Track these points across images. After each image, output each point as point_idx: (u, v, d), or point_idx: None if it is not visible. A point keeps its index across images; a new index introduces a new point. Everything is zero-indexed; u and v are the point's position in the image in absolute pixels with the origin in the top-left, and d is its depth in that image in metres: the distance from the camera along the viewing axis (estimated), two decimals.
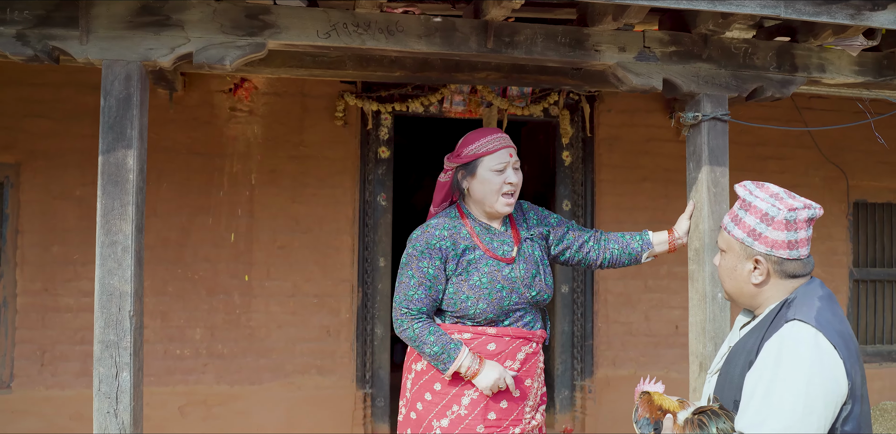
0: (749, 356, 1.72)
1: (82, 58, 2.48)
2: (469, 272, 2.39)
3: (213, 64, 2.54)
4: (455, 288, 2.39)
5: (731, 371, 1.78)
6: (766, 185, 1.84)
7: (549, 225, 2.62)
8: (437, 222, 2.46)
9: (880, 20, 2.70)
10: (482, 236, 2.46)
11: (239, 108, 4.32)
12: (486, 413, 2.39)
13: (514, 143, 2.50)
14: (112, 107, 2.47)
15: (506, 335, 2.42)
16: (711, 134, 2.91)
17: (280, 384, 4.28)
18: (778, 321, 1.72)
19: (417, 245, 2.41)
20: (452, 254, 2.39)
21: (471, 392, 2.39)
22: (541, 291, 2.48)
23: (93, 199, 4.10)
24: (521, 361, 2.44)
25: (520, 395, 2.43)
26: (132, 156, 2.46)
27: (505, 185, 2.42)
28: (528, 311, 2.47)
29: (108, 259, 2.45)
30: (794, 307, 1.73)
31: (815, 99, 4.89)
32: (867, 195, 5.19)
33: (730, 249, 1.84)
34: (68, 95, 4.18)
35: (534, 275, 2.47)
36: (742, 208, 1.81)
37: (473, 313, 2.38)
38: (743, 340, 1.81)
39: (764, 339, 1.71)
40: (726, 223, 1.86)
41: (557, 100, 4.63)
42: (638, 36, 2.87)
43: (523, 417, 2.44)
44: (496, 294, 2.38)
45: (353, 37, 2.62)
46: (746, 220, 1.79)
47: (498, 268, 2.41)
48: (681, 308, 4.74)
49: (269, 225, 4.31)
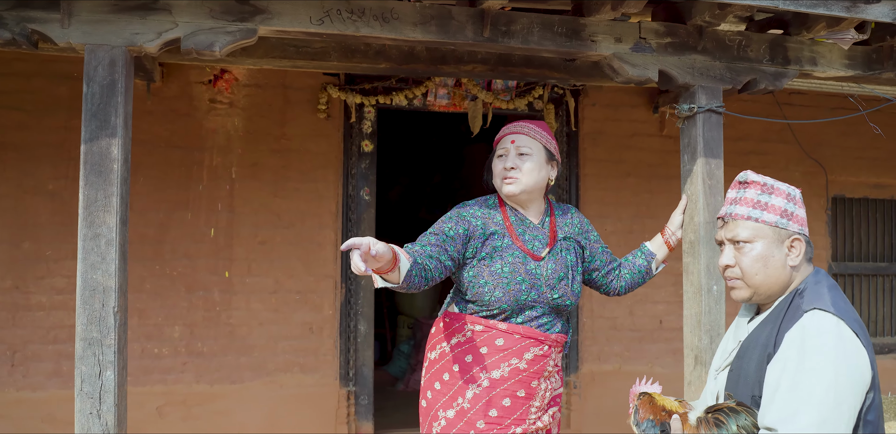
0: (766, 349, 1.68)
1: (63, 42, 2.38)
2: (493, 258, 2.35)
3: (202, 50, 2.45)
4: (475, 271, 2.35)
5: (746, 366, 1.73)
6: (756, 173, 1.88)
7: (588, 240, 2.57)
8: (475, 203, 2.47)
9: (874, 13, 2.70)
10: (516, 226, 2.44)
11: (219, 99, 4.21)
12: (488, 409, 2.35)
13: (527, 130, 2.44)
14: (95, 93, 2.37)
15: (516, 333, 2.37)
16: (706, 126, 2.90)
17: (262, 383, 4.19)
18: (793, 311, 1.69)
19: (451, 213, 2.42)
20: (480, 232, 2.36)
21: (474, 386, 2.36)
22: (564, 296, 2.41)
23: (66, 193, 4.01)
24: (529, 362, 2.38)
25: (525, 395, 2.38)
26: (117, 145, 2.36)
27: (503, 171, 2.41)
28: (545, 313, 2.41)
29: (90, 253, 2.35)
30: (808, 296, 1.69)
31: (795, 95, 4.93)
32: (845, 190, 5.24)
33: (760, 237, 1.77)
34: (40, 86, 4.04)
35: (560, 277, 2.41)
36: (764, 192, 1.78)
37: (488, 300, 2.33)
38: (755, 334, 1.76)
39: (781, 330, 1.66)
40: (748, 212, 1.79)
41: (542, 94, 4.59)
42: (634, 27, 2.84)
43: (527, 417, 2.39)
44: (515, 286, 2.34)
45: (348, 24, 2.55)
46: (774, 202, 1.76)
47: (524, 261, 2.37)
48: (665, 303, 4.74)
49: (250, 220, 4.21)
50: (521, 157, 2.40)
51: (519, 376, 2.38)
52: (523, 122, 2.48)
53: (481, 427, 2.34)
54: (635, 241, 4.67)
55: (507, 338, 2.37)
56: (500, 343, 2.37)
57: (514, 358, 2.37)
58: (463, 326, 2.41)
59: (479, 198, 2.53)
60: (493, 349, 2.37)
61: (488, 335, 2.37)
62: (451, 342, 2.42)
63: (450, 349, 2.41)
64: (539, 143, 2.44)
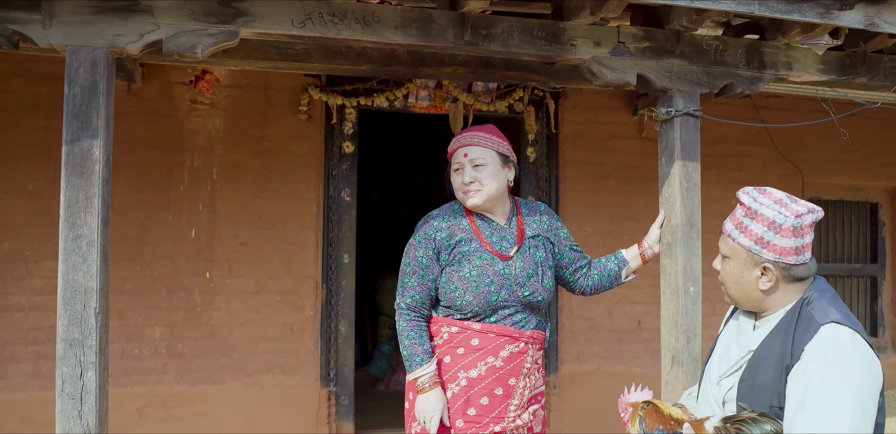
0: (783, 361, 1.69)
1: (45, 43, 2.37)
2: (461, 263, 2.42)
3: (184, 52, 2.46)
4: (446, 277, 2.43)
5: (761, 377, 1.73)
6: (768, 191, 1.82)
7: (557, 236, 2.62)
8: (440, 213, 2.53)
9: (847, 19, 2.76)
10: (483, 230, 2.49)
11: (200, 100, 4.20)
12: (467, 408, 2.39)
13: (476, 140, 2.47)
14: (77, 95, 2.36)
15: (490, 332, 2.42)
16: (684, 129, 2.94)
17: (242, 383, 4.19)
18: (805, 323, 1.71)
19: (417, 235, 2.49)
20: (446, 244, 2.44)
21: (453, 386, 2.41)
22: (535, 292, 2.46)
23: (46, 193, 3.99)
24: (505, 359, 2.42)
25: (502, 393, 2.41)
26: (98, 146, 2.36)
27: (462, 186, 2.46)
28: (519, 310, 2.45)
29: (72, 254, 2.34)
30: (817, 308, 1.72)
31: (772, 98, 5.00)
32: (821, 192, 5.32)
33: (735, 256, 1.81)
34: (19, 86, 4.01)
35: (530, 274, 2.45)
36: (747, 216, 1.78)
37: (460, 304, 2.40)
38: (767, 344, 1.76)
39: (796, 342, 1.69)
40: (730, 230, 1.82)
41: (522, 96, 4.63)
42: (613, 31, 2.88)
43: (506, 415, 2.42)
44: (484, 288, 2.39)
45: (329, 26, 2.57)
46: (753, 227, 1.76)
47: (491, 262, 2.42)
48: (643, 304, 4.79)
49: (231, 221, 4.21)
50: (476, 169, 2.45)
51: (496, 374, 2.41)
52: (471, 132, 2.51)
53: (460, 426, 2.38)
54: (614, 242, 4.72)
55: (481, 337, 2.42)
56: (476, 343, 2.42)
57: (490, 356, 2.41)
58: (440, 329, 2.47)
59: (444, 205, 2.59)
60: (469, 349, 2.42)
61: (464, 336, 2.43)
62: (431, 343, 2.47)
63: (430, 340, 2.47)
64: (491, 150, 2.47)
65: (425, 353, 2.39)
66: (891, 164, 5.43)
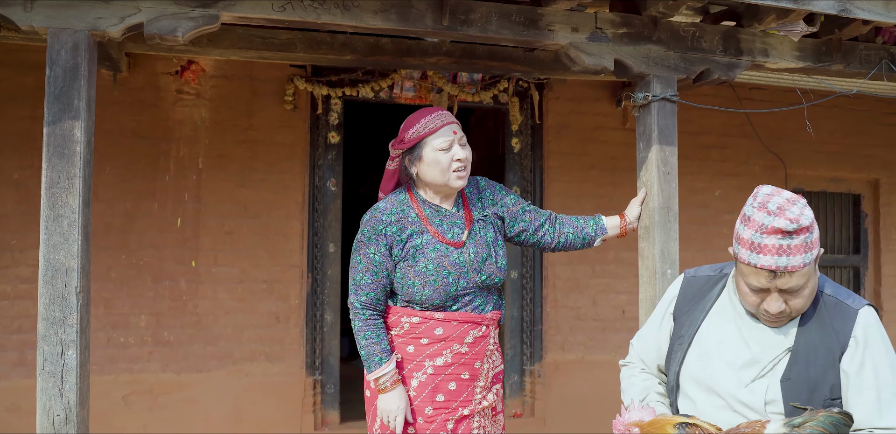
0: (832, 352, 1.70)
1: (26, 25, 2.39)
2: (416, 258, 2.35)
3: (165, 35, 2.48)
4: (402, 273, 2.37)
5: (810, 372, 1.71)
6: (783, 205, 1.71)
7: (504, 205, 2.56)
8: (385, 206, 2.42)
9: (821, 5, 2.81)
10: (432, 219, 2.42)
11: (186, 90, 4.22)
12: (435, 395, 2.38)
13: (454, 119, 2.42)
14: (58, 77, 2.39)
15: (453, 320, 2.39)
16: (661, 114, 2.98)
17: (228, 372, 4.21)
18: (836, 310, 1.74)
19: (365, 231, 2.39)
20: (398, 239, 2.36)
21: (419, 375, 2.38)
22: (491, 275, 2.43)
23: (31, 182, 4.00)
24: (470, 345, 2.41)
25: (469, 377, 2.41)
26: (79, 127, 2.39)
27: (454, 162, 2.36)
28: (477, 295, 2.43)
29: (53, 234, 2.37)
30: (832, 291, 1.77)
31: (755, 90, 5.05)
32: (804, 184, 5.38)
33: (810, 274, 1.71)
34: (4, 75, 4.03)
35: (484, 259, 2.42)
36: (810, 232, 1.69)
37: (420, 299, 2.36)
38: (803, 339, 1.73)
39: (837, 330, 1.71)
40: (802, 260, 1.67)
41: (507, 87, 4.66)
42: (590, 17, 2.92)
43: (473, 398, 2.41)
44: (442, 280, 2.35)
45: (309, 11, 2.60)
46: (812, 238, 1.69)
47: (445, 253, 2.37)
48: (627, 293, 4.83)
49: (217, 210, 4.23)
50: (463, 147, 2.39)
51: (462, 360, 2.40)
52: (443, 110, 2.44)
53: (429, 413, 2.37)
54: None
55: (445, 326, 2.38)
56: (440, 332, 2.38)
57: (456, 343, 2.39)
58: (399, 320, 2.42)
59: (388, 198, 2.46)
60: (434, 338, 2.38)
61: (426, 326, 2.38)
62: (389, 334, 2.42)
63: (390, 341, 2.41)
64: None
65: (384, 352, 2.35)
66: (872, 156, 5.49)
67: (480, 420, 2.42)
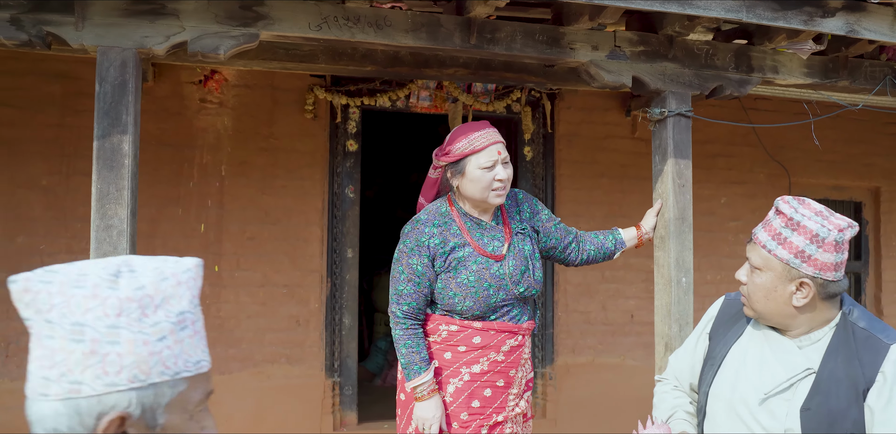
0: (857, 386, 1.65)
1: (77, 44, 2.52)
2: (457, 270, 2.42)
3: (208, 53, 2.61)
4: (443, 284, 2.43)
5: (832, 403, 1.66)
6: (807, 202, 1.72)
7: (540, 220, 2.65)
8: (428, 218, 2.48)
9: (829, 26, 2.94)
10: (473, 232, 2.48)
11: (209, 99, 4.34)
12: (471, 401, 2.46)
13: (501, 138, 2.48)
14: (108, 93, 2.51)
15: (491, 329, 2.47)
16: (676, 129, 3.11)
17: (249, 373, 4.33)
18: (866, 342, 1.68)
19: (408, 242, 2.44)
20: (441, 251, 2.43)
21: (455, 381, 2.46)
22: (529, 287, 2.51)
23: (59, 188, 4.12)
24: (506, 353, 2.49)
25: (504, 384, 2.50)
26: (128, 141, 2.51)
27: (494, 182, 2.42)
28: (515, 306, 2.51)
29: (103, 243, 2.49)
30: (866, 325, 1.71)
31: (760, 100, 5.18)
32: (806, 191, 5.51)
33: (768, 268, 1.71)
34: (31, 84, 4.14)
35: (523, 271, 2.49)
36: (788, 227, 1.68)
37: (461, 309, 2.43)
38: (827, 367, 1.69)
39: (865, 364, 1.66)
40: (765, 241, 1.71)
41: (520, 97, 4.79)
42: (609, 36, 3.05)
43: (507, 405, 2.50)
44: (483, 292, 2.42)
45: (344, 30, 2.72)
46: (794, 240, 1.67)
47: (486, 265, 2.43)
48: (636, 298, 4.96)
49: (239, 216, 4.35)
50: (505, 166, 2.45)
51: (498, 368, 2.48)
52: (493, 128, 2.47)
53: (465, 418, 2.44)
54: None
55: (483, 335, 2.46)
56: (478, 341, 2.46)
57: (493, 352, 2.47)
58: (437, 327, 2.49)
59: (429, 209, 2.53)
60: (472, 346, 2.46)
61: (464, 334, 2.45)
62: (427, 340, 2.49)
63: (428, 349, 2.48)
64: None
65: (423, 361, 2.41)
66: (873, 165, 5.63)
67: (513, 426, 2.51)
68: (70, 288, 0.90)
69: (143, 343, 0.91)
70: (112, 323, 0.90)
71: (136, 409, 0.91)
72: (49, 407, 0.89)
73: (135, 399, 0.91)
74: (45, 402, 0.89)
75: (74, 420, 0.89)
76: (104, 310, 0.89)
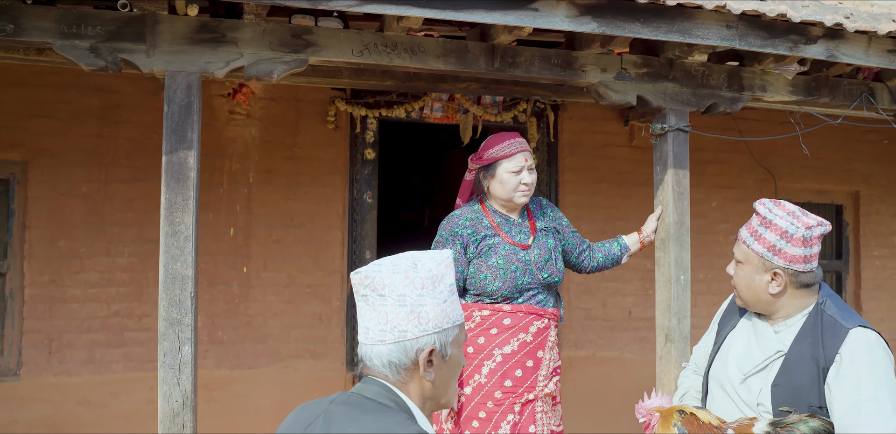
0: (818, 364, 1.86)
1: (147, 69, 2.82)
2: (488, 255, 2.80)
3: (262, 76, 2.92)
4: (475, 268, 2.80)
5: (798, 380, 1.88)
6: (782, 204, 1.99)
7: (560, 225, 3.05)
8: (461, 213, 2.90)
9: (811, 52, 3.29)
10: (502, 226, 2.88)
11: (237, 111, 4.64)
12: (504, 381, 2.76)
13: (528, 147, 2.90)
14: (175, 113, 2.81)
15: (519, 311, 2.81)
16: (675, 142, 3.45)
17: (276, 368, 4.63)
18: (831, 327, 1.89)
19: (443, 232, 2.85)
20: (473, 240, 2.81)
21: (489, 362, 2.77)
22: (552, 274, 2.88)
23: (98, 195, 4.41)
24: (534, 334, 2.82)
25: (533, 365, 2.81)
26: (193, 156, 2.81)
27: (520, 185, 2.84)
28: (540, 291, 2.87)
29: (171, 247, 2.79)
30: (834, 312, 1.92)
31: (749, 110, 5.51)
32: (792, 195, 5.87)
33: (748, 262, 1.99)
34: (72, 97, 4.41)
35: (546, 259, 2.88)
36: (762, 225, 1.96)
37: (491, 290, 2.78)
38: (796, 348, 1.92)
39: (826, 345, 1.86)
40: (745, 237, 2.00)
41: (526, 108, 5.12)
42: (616, 59, 3.38)
43: (536, 385, 2.80)
44: (510, 274, 2.78)
45: (383, 55, 3.04)
46: (766, 236, 1.94)
47: (514, 252, 2.82)
48: (633, 295, 5.31)
49: (266, 221, 4.65)
50: (530, 172, 2.86)
51: (527, 349, 2.79)
52: (522, 139, 2.88)
53: (499, 397, 2.74)
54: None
55: (512, 317, 2.79)
56: (508, 322, 2.79)
57: (522, 332, 2.79)
58: (471, 314, 2.82)
59: (463, 207, 2.95)
60: (502, 328, 2.78)
61: (496, 317, 2.79)
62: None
63: None
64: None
65: None
66: (853, 170, 6.00)
67: (543, 406, 2.82)
68: (391, 274, 1.37)
69: (437, 304, 1.38)
70: (420, 293, 1.37)
71: (437, 346, 1.39)
72: (385, 348, 1.38)
73: (437, 339, 1.38)
74: (383, 346, 1.37)
75: (402, 354, 1.37)
76: (414, 285, 1.36)
